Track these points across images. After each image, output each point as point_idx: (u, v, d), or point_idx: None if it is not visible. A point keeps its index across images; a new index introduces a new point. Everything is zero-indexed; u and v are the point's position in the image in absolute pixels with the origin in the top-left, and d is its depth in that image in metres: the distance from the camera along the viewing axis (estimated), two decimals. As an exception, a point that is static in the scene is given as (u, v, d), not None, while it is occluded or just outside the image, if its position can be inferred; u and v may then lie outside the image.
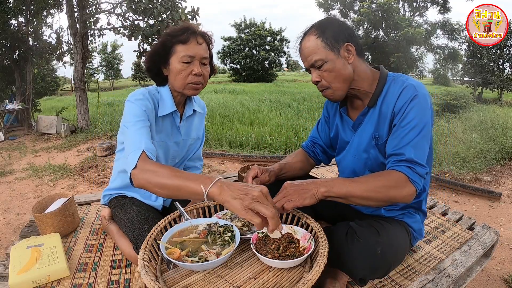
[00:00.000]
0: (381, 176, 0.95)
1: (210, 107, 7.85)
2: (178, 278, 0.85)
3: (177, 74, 1.15)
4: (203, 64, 1.17)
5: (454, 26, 14.65)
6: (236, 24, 26.34)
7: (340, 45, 1.01)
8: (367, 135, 1.10)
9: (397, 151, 0.97)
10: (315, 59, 1.02)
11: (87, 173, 3.66)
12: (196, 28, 1.16)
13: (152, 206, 1.36)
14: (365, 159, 1.13)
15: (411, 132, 0.96)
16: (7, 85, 7.87)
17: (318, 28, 1.03)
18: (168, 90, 1.23)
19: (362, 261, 0.94)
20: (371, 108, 1.08)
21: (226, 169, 3.82)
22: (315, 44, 1.01)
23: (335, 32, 1.01)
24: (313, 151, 1.36)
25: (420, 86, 1.00)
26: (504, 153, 4.07)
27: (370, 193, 0.92)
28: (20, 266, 1.12)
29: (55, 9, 7.03)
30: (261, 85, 17.52)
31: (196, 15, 5.37)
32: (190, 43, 1.13)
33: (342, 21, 1.07)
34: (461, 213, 1.66)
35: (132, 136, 1.03)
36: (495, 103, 9.96)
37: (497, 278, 1.75)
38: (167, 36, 1.15)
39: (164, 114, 1.21)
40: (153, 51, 1.19)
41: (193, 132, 1.39)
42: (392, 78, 1.06)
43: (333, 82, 1.03)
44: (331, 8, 16.71)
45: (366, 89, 1.08)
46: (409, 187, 0.92)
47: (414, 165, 0.94)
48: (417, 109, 0.97)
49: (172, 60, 1.15)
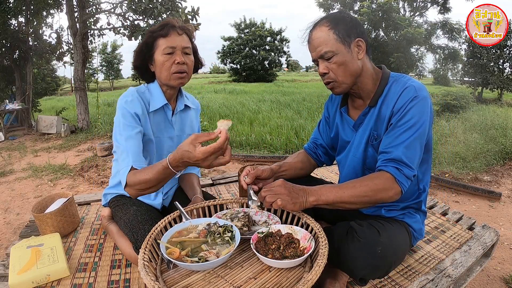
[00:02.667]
0: (368, 180, 0.96)
1: (210, 107, 7.85)
2: (178, 278, 0.85)
3: (162, 66, 1.19)
4: (185, 53, 1.20)
5: (454, 26, 14.63)
6: (236, 24, 26.34)
7: (352, 39, 1.01)
8: (366, 134, 1.11)
9: (388, 149, 0.99)
10: (325, 50, 1.01)
11: (87, 173, 3.66)
12: (175, 22, 1.21)
13: (151, 205, 1.37)
14: (364, 158, 1.13)
15: (406, 132, 0.97)
16: (7, 85, 7.86)
17: (331, 20, 1.02)
18: (157, 85, 1.27)
19: (362, 260, 0.94)
20: (372, 107, 1.09)
21: (226, 169, 3.81)
22: (326, 36, 1.00)
23: (348, 26, 1.01)
24: (315, 152, 1.36)
25: (421, 88, 1.00)
26: (504, 153, 4.07)
27: (357, 198, 0.94)
28: (20, 266, 1.12)
29: (55, 9, 7.03)
30: (261, 85, 17.52)
31: (196, 15, 5.37)
32: (170, 36, 1.17)
33: (354, 17, 1.07)
34: (461, 213, 1.66)
35: (122, 151, 1.10)
36: (495, 103, 9.95)
37: (497, 278, 1.75)
38: (149, 33, 1.21)
39: (156, 108, 1.24)
40: (138, 50, 1.23)
41: (188, 128, 1.40)
42: (394, 79, 1.07)
43: (341, 75, 1.03)
44: (331, 8, 16.70)
45: (369, 88, 1.08)
46: (395, 188, 0.95)
47: (402, 166, 0.95)
48: (415, 110, 0.97)
49: (156, 55, 1.19)
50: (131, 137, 1.12)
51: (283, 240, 0.91)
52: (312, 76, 33.44)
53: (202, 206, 1.14)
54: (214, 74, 43.17)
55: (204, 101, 9.04)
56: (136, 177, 1.02)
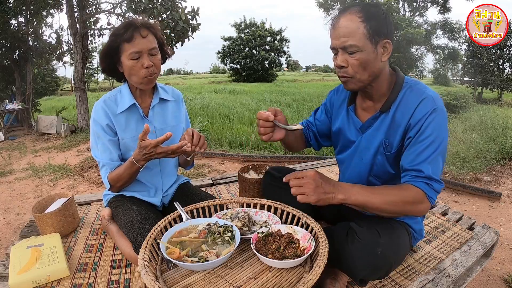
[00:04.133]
0: (400, 190, 0.94)
1: (210, 107, 7.84)
2: (178, 278, 0.85)
3: (130, 70, 1.19)
4: (151, 55, 1.20)
5: (454, 26, 14.64)
6: (236, 24, 26.34)
7: (381, 39, 0.94)
8: (377, 140, 1.07)
9: (415, 167, 0.95)
10: (350, 43, 0.93)
11: (87, 173, 3.66)
12: (137, 22, 1.18)
13: (151, 203, 1.37)
14: (371, 165, 1.10)
15: (428, 148, 0.94)
16: (7, 85, 7.86)
17: (365, 12, 0.93)
18: (127, 86, 1.30)
19: (362, 261, 0.94)
20: (383, 113, 1.04)
21: (226, 169, 3.81)
22: (356, 28, 0.92)
23: (380, 23, 0.94)
24: (307, 132, 1.33)
25: (438, 99, 0.97)
26: (504, 153, 4.07)
27: (387, 206, 0.92)
28: (20, 266, 1.12)
29: (55, 9, 7.02)
30: (261, 85, 17.50)
31: (196, 15, 5.37)
32: (135, 40, 1.15)
33: (387, 14, 0.98)
34: (461, 213, 1.66)
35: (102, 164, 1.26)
36: (495, 103, 9.96)
37: (497, 278, 1.75)
38: (112, 36, 1.18)
39: (123, 109, 1.26)
40: (104, 53, 1.22)
41: (171, 120, 1.39)
42: (409, 85, 1.02)
43: (359, 73, 0.97)
44: (331, 8, 16.70)
45: (383, 91, 1.04)
46: (426, 203, 0.93)
47: (432, 181, 0.93)
48: (435, 124, 0.94)
49: (123, 59, 1.19)
50: (105, 150, 1.25)
51: (283, 240, 0.91)
52: (312, 76, 33.44)
53: (202, 206, 1.14)
54: (214, 74, 43.15)
55: (204, 101, 9.03)
56: (112, 175, 1.24)
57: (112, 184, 1.26)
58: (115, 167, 1.25)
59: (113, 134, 1.26)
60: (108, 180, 1.26)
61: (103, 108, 1.24)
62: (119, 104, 1.27)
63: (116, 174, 1.24)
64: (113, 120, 1.24)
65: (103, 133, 1.24)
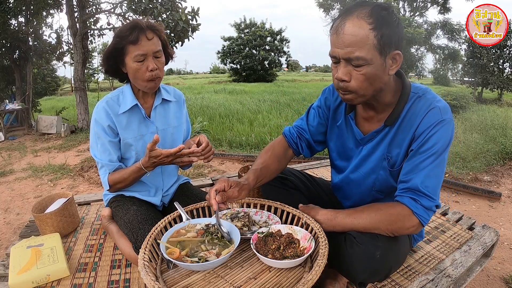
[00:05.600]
0: (382, 210, 0.92)
1: (210, 107, 7.84)
2: (178, 278, 0.85)
3: (135, 73, 1.19)
4: (156, 57, 1.20)
5: (454, 26, 14.65)
6: (236, 24, 26.35)
7: (391, 50, 0.82)
8: (378, 154, 1.01)
9: (406, 177, 0.91)
10: (357, 55, 0.80)
11: (87, 173, 3.66)
12: (143, 23, 1.16)
13: (152, 203, 1.37)
14: (374, 179, 1.05)
15: (427, 159, 0.88)
16: (7, 85, 7.86)
17: (375, 17, 0.80)
18: (129, 86, 1.29)
19: (361, 265, 0.92)
20: (387, 126, 0.97)
21: (226, 169, 3.81)
22: (365, 36, 0.79)
23: (393, 31, 0.81)
24: (297, 143, 1.19)
25: (446, 110, 0.91)
26: (504, 153, 4.07)
27: (376, 225, 0.92)
28: (20, 266, 1.12)
29: (55, 9, 7.03)
30: (261, 85, 17.51)
31: (196, 15, 5.37)
32: (140, 42, 1.14)
33: (399, 19, 0.85)
34: (461, 213, 1.66)
35: (101, 165, 1.26)
36: (495, 103, 9.96)
37: (497, 278, 1.75)
38: (117, 38, 1.17)
39: (125, 110, 1.25)
40: (107, 54, 1.21)
41: (173, 121, 1.39)
42: (417, 96, 0.93)
43: (363, 88, 0.85)
44: (331, 8, 16.70)
45: (387, 101, 0.95)
46: (412, 220, 0.88)
47: (419, 196, 0.88)
48: (439, 135, 0.88)
49: (127, 60, 1.18)
50: (104, 150, 1.25)
51: (283, 240, 0.91)
52: (312, 76, 33.43)
53: (202, 206, 1.14)
54: (214, 74, 43.16)
55: (204, 101, 9.03)
56: (114, 176, 1.25)
57: (112, 185, 1.27)
58: (114, 168, 1.26)
59: (114, 135, 1.26)
60: (108, 181, 1.26)
61: (105, 109, 1.24)
62: (121, 104, 1.27)
63: (119, 176, 1.24)
64: (115, 120, 1.24)
65: (103, 134, 1.24)
